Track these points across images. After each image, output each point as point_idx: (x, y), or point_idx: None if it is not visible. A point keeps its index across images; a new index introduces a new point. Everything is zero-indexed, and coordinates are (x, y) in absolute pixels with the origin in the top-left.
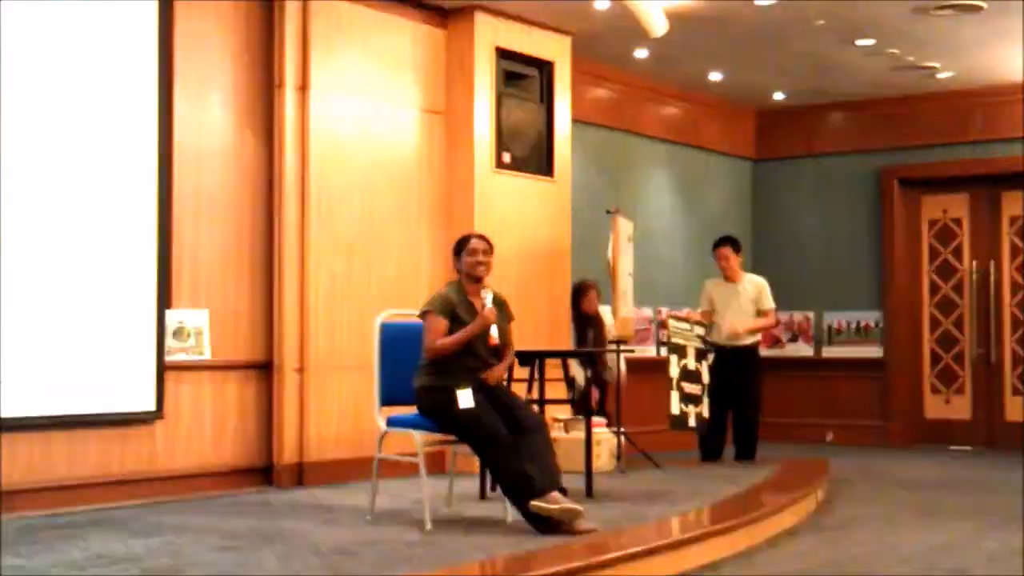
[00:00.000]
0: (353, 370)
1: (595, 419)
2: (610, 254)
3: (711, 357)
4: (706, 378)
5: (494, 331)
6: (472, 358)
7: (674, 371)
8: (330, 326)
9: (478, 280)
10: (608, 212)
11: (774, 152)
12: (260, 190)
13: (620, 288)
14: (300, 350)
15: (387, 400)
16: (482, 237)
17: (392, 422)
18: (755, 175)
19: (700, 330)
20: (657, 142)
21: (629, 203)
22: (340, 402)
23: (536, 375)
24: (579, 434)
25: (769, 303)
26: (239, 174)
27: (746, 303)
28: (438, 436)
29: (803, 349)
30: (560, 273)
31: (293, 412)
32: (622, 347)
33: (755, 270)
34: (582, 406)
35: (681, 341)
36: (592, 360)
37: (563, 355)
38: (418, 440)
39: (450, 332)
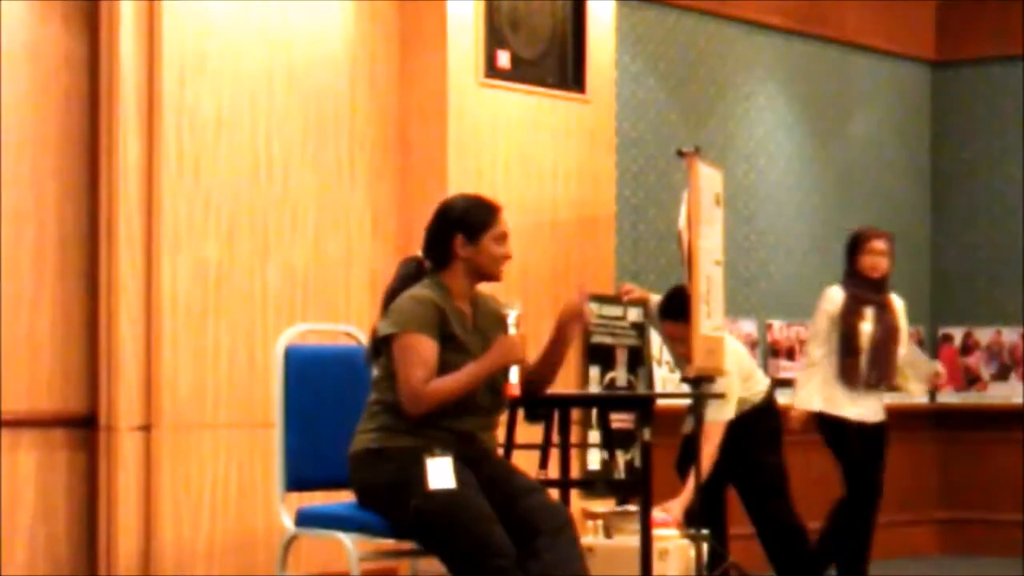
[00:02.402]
0: (237, 429)
1: (658, 514)
2: (683, 224)
3: (689, 420)
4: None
5: (514, 373)
6: (459, 409)
7: (594, 390)
8: (197, 355)
9: (486, 280)
10: (681, 154)
11: (968, 50)
12: (77, 124)
13: (701, 285)
14: (145, 396)
15: (298, 481)
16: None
17: (307, 518)
18: (936, 89)
19: (634, 313)
20: (767, 33)
21: (718, 138)
22: (214, 483)
23: (557, 436)
24: (630, 539)
25: (713, 410)
26: (39, 95)
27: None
28: (387, 542)
29: (1016, 391)
30: (597, 257)
31: (133, 499)
32: (705, 389)
33: (935, 247)
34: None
35: (608, 339)
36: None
37: (606, 403)
38: (351, 550)
39: (442, 361)
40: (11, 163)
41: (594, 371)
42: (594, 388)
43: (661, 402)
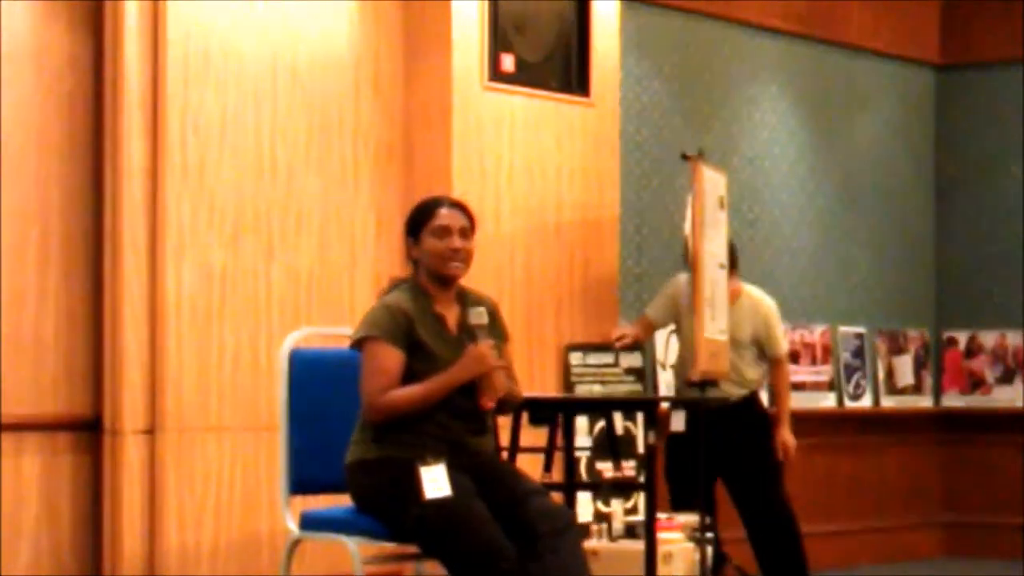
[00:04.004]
0: (241, 432)
1: (666, 518)
2: (687, 227)
3: (679, 418)
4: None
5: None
6: (446, 415)
7: (584, 441)
8: (201, 358)
9: (449, 282)
10: (685, 157)
11: (972, 53)
12: (81, 126)
13: (705, 288)
14: (149, 399)
15: (302, 484)
16: (457, 204)
17: (310, 522)
18: (940, 91)
19: (629, 359)
20: (770, 36)
21: (722, 141)
22: (218, 486)
23: (561, 440)
24: (633, 542)
25: (780, 345)
26: (43, 97)
27: (738, 345)
28: (391, 546)
29: (1020, 395)
30: (601, 260)
31: (137, 503)
32: (709, 391)
33: (939, 251)
34: None
35: (597, 387)
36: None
37: (609, 405)
38: (355, 553)
39: (410, 369)
40: (15, 165)
41: (582, 420)
42: (582, 439)
43: (665, 405)
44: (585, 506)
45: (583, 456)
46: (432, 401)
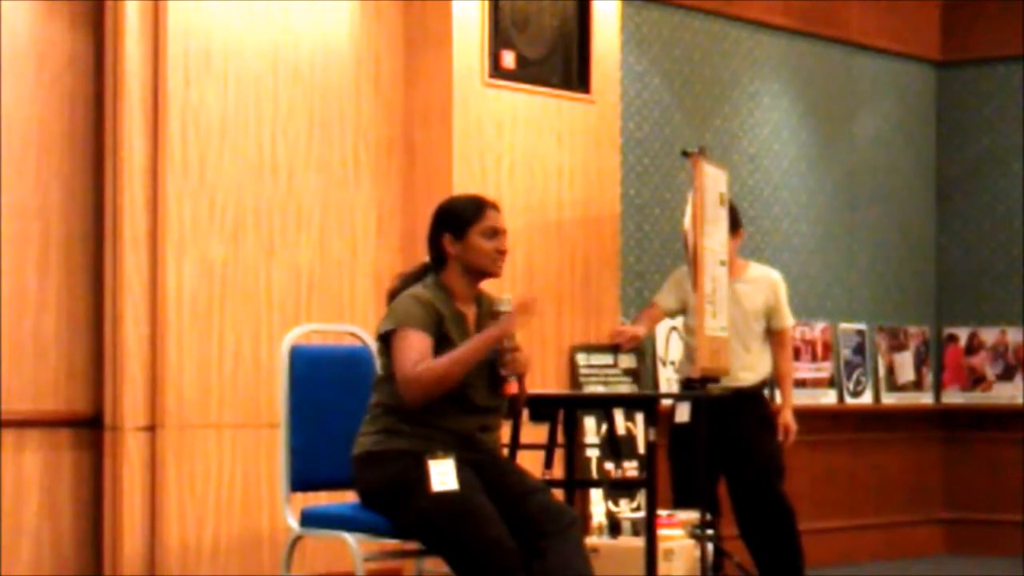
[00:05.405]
0: (242, 429)
1: (667, 515)
2: (688, 224)
3: (684, 409)
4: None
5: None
6: (458, 410)
7: (591, 441)
8: (202, 355)
9: (483, 278)
10: (685, 155)
11: (972, 50)
12: (82, 124)
13: (706, 285)
14: (150, 396)
15: (303, 481)
16: (497, 206)
17: (311, 519)
18: (941, 89)
19: (627, 360)
20: (771, 33)
21: (722, 138)
22: (219, 483)
23: (562, 438)
24: (634, 539)
25: (788, 316)
26: (44, 95)
27: (748, 317)
28: (392, 542)
29: (1020, 391)
30: (602, 257)
31: (138, 499)
32: (710, 386)
33: (940, 247)
34: None
35: (601, 388)
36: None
37: (610, 402)
38: (356, 550)
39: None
40: (16, 163)
41: (590, 421)
42: (591, 439)
43: (666, 402)
44: (598, 506)
45: (593, 457)
46: (468, 366)
